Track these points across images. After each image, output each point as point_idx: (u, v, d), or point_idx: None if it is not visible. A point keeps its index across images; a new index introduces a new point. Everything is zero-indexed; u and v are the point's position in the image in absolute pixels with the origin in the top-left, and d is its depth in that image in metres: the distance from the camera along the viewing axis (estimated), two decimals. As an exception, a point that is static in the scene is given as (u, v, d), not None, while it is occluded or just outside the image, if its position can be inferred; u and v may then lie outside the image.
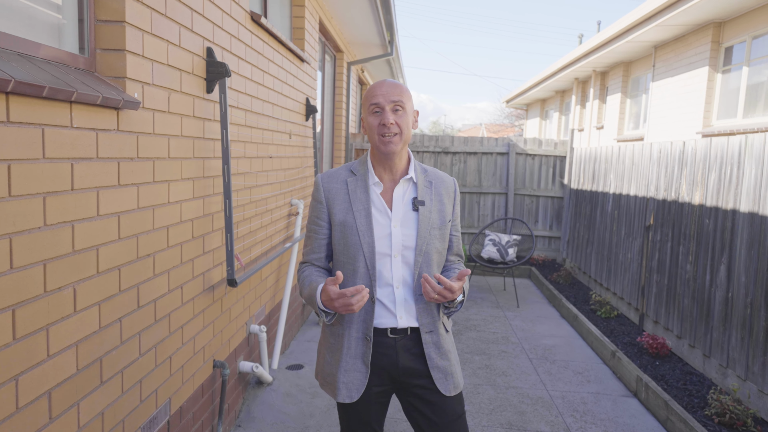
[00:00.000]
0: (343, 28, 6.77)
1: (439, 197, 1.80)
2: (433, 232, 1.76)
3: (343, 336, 1.77)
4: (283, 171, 4.14)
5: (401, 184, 1.77)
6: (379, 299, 1.75)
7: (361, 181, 1.78)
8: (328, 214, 1.79)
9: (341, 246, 1.77)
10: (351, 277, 1.75)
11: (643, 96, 9.52)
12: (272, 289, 4.04)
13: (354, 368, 1.76)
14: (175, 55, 2.25)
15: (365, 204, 1.75)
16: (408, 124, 1.71)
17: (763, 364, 3.43)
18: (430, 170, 1.85)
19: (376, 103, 1.69)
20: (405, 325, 1.75)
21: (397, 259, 1.74)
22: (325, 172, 1.85)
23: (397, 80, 12.10)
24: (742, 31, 6.59)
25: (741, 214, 3.73)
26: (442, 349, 1.78)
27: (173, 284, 2.32)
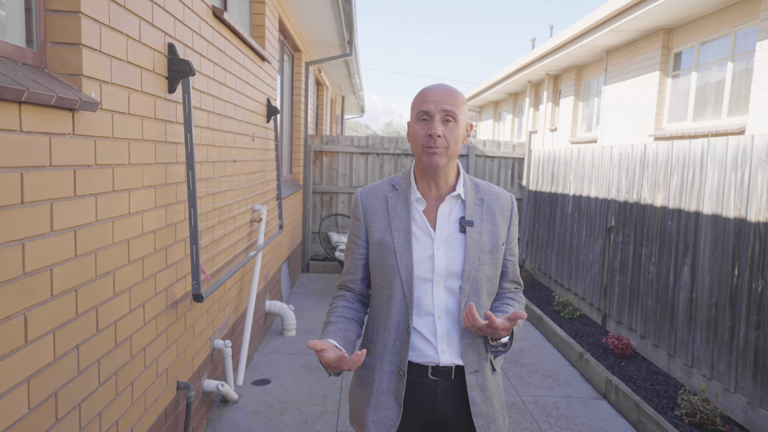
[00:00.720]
0: (303, 27, 6.58)
1: (491, 217, 1.60)
2: (483, 256, 1.56)
3: (375, 369, 1.59)
4: (245, 175, 3.93)
5: (447, 202, 1.58)
6: (417, 329, 1.55)
7: (402, 196, 1.60)
8: (366, 233, 1.62)
9: (378, 267, 1.59)
10: (386, 304, 1.58)
11: (596, 99, 9.76)
12: (236, 299, 3.83)
13: (385, 406, 1.58)
14: (135, 51, 2.04)
15: (405, 222, 1.57)
16: (458, 138, 1.52)
17: (729, 364, 3.51)
18: (483, 185, 1.65)
19: (426, 110, 1.50)
20: (448, 362, 1.55)
21: (440, 285, 1.54)
22: (365, 187, 1.67)
23: (354, 81, 11.96)
24: (690, 37, 6.82)
25: (704, 216, 3.81)
26: (487, 392, 1.59)
27: (135, 303, 2.11)
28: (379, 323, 1.60)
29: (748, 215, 3.35)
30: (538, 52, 10.32)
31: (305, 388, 3.84)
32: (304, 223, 8.02)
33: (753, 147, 3.33)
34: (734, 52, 6.12)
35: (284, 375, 4.05)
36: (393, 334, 1.57)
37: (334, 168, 8.31)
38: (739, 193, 3.44)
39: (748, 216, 3.36)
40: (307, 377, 4.04)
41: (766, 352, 3.18)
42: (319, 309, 5.91)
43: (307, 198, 8.06)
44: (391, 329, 1.57)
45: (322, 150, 8.21)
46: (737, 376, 3.42)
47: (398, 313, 1.56)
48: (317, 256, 8.25)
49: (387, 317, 1.57)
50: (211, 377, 3.27)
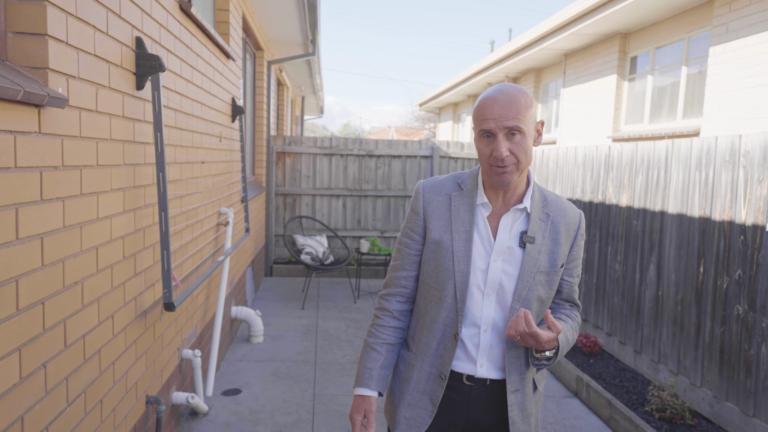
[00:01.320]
0: (265, 24, 6.43)
1: (554, 235, 1.51)
2: (539, 277, 1.48)
3: (415, 367, 1.55)
4: (211, 177, 3.78)
5: (511, 213, 1.49)
6: (462, 339, 1.50)
7: (467, 197, 1.51)
8: (424, 228, 1.54)
9: (431, 267, 1.51)
10: (435, 306, 1.51)
11: (554, 101, 9.97)
12: (203, 306, 3.67)
13: (419, 404, 1.54)
14: (103, 45, 1.90)
15: (467, 226, 1.49)
16: (527, 150, 1.40)
17: (695, 359, 3.60)
18: (552, 199, 1.55)
19: (488, 129, 1.39)
20: (484, 375, 1.51)
21: (490, 298, 1.48)
22: (428, 180, 1.58)
23: (315, 81, 11.81)
24: (646, 42, 7.04)
25: (669, 215, 3.91)
26: (525, 411, 1.54)
27: (104, 314, 1.97)
28: (424, 323, 1.55)
29: (713, 214, 3.46)
30: (498, 55, 10.46)
31: (277, 396, 3.72)
32: (267, 226, 7.85)
33: (717, 148, 3.44)
34: (688, 57, 6.35)
35: (255, 384, 3.92)
36: (438, 337, 1.52)
37: (297, 169, 8.16)
38: (704, 192, 3.54)
39: (712, 215, 3.46)
40: (278, 385, 3.91)
41: (732, 347, 3.28)
42: (285, 314, 5.78)
43: (270, 200, 7.88)
44: (436, 332, 1.52)
45: (284, 151, 8.05)
46: (703, 371, 3.52)
47: (446, 318, 1.50)
48: (281, 260, 8.08)
49: (434, 320, 1.52)
50: (179, 389, 3.12)
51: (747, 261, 3.17)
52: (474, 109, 1.46)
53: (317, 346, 4.80)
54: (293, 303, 6.24)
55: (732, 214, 3.29)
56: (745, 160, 3.20)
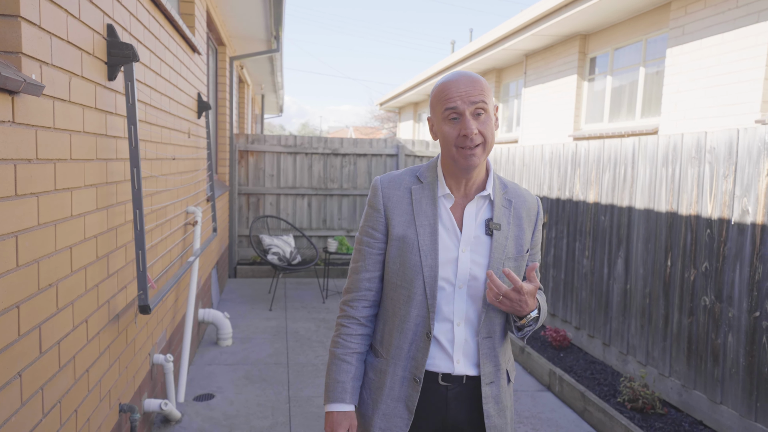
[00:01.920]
0: (228, 19, 6.26)
1: (518, 221, 1.51)
2: (508, 263, 1.47)
3: (387, 374, 1.48)
4: (179, 174, 3.64)
5: (475, 201, 1.47)
6: (436, 337, 1.45)
7: (428, 190, 1.48)
8: (386, 225, 1.48)
9: (396, 265, 1.46)
10: (404, 305, 1.45)
11: (516, 101, 10.14)
12: (172, 310, 3.53)
13: (395, 413, 1.47)
14: (76, 31, 1.78)
15: (431, 219, 1.45)
16: (492, 129, 1.39)
17: (663, 350, 3.71)
18: (511, 186, 1.55)
19: (453, 107, 1.36)
20: (462, 372, 1.47)
21: (462, 291, 1.44)
22: (385, 175, 1.52)
23: (276, 79, 11.62)
24: (605, 43, 7.24)
25: (637, 210, 4.01)
26: (501, 404, 1.51)
27: (78, 318, 1.85)
28: (393, 325, 1.49)
29: (680, 209, 3.57)
30: (459, 55, 10.56)
31: (251, 400, 3.62)
32: (231, 227, 7.65)
33: (683, 145, 3.55)
34: (646, 58, 6.57)
35: (227, 388, 3.79)
36: (410, 338, 1.46)
37: (260, 168, 8.00)
38: (671, 188, 3.65)
39: (679, 210, 3.57)
40: (252, 389, 3.81)
41: (699, 337, 3.39)
42: (253, 315, 5.64)
43: (233, 200, 7.69)
44: (407, 333, 1.46)
45: (247, 149, 7.88)
46: (672, 361, 3.63)
47: (417, 316, 1.45)
48: (245, 260, 7.90)
49: (404, 320, 1.46)
50: (151, 396, 2.98)
51: (713, 253, 3.28)
52: (432, 95, 1.43)
53: (288, 348, 4.70)
54: (260, 305, 6.10)
55: (698, 209, 3.40)
56: (710, 156, 3.31)
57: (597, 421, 3.47)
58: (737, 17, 4.94)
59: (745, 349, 3.05)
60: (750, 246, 3.02)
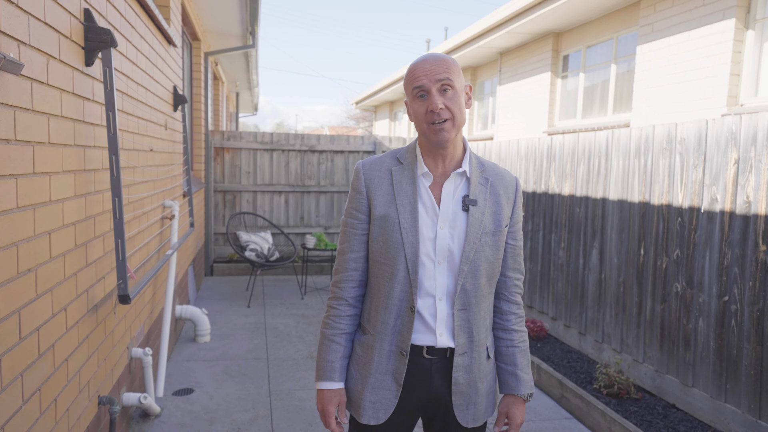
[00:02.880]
0: (203, 13, 6.19)
1: (495, 197, 1.56)
2: (485, 238, 1.52)
3: (374, 349, 1.53)
4: (156, 167, 3.59)
5: (452, 178, 1.52)
6: (419, 310, 1.50)
7: (408, 170, 1.53)
8: (368, 206, 1.53)
9: (379, 244, 1.51)
10: (388, 282, 1.50)
11: (491, 99, 10.25)
12: (150, 304, 3.48)
13: (383, 386, 1.52)
14: (53, 12, 1.75)
15: (411, 197, 1.50)
16: (461, 105, 1.45)
17: (637, 336, 3.81)
18: (489, 165, 1.60)
19: (420, 85, 1.43)
20: (444, 344, 1.52)
21: (442, 266, 1.50)
22: (366, 159, 1.57)
23: (252, 76, 11.52)
24: (577, 41, 7.38)
25: (611, 201, 4.11)
26: (471, 375, 1.56)
27: (57, 306, 1.81)
28: (379, 302, 1.53)
29: (652, 199, 3.66)
30: (436, 53, 10.64)
31: (232, 394, 3.59)
32: (207, 224, 7.57)
33: (654, 136, 3.65)
34: (617, 55, 6.72)
35: (207, 383, 3.76)
36: (395, 313, 1.51)
37: (236, 165, 7.93)
38: (643, 179, 3.75)
39: (651, 200, 3.67)
40: (232, 383, 3.78)
41: (671, 323, 3.49)
42: (231, 312, 5.59)
43: (209, 197, 7.61)
44: (392, 308, 1.51)
45: (223, 146, 7.80)
46: (645, 348, 3.73)
47: (401, 292, 1.50)
48: (221, 258, 7.82)
49: (388, 296, 1.50)
50: (129, 390, 2.93)
51: (684, 241, 3.38)
52: (405, 78, 1.50)
53: (268, 343, 4.67)
54: (238, 301, 6.05)
55: (670, 198, 3.51)
56: (681, 147, 3.41)
57: (574, 407, 3.55)
58: (703, 15, 5.09)
59: (715, 333, 3.15)
60: (719, 233, 3.13)
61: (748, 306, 2.95)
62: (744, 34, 4.81)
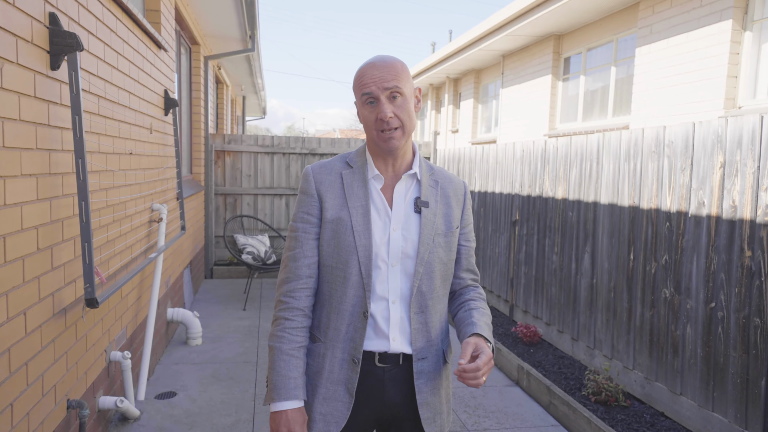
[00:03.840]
0: (201, 17, 6.23)
1: (446, 200, 1.56)
2: (438, 239, 1.51)
3: (325, 357, 1.48)
4: (142, 171, 3.60)
5: (404, 180, 1.51)
6: (373, 315, 1.46)
7: (358, 173, 1.51)
8: (320, 209, 1.49)
9: (331, 248, 1.48)
10: (340, 286, 1.46)
11: (494, 101, 10.20)
12: (134, 307, 3.49)
13: (335, 397, 1.46)
14: (9, 16, 1.76)
15: (363, 200, 1.48)
16: (410, 112, 1.44)
17: (627, 343, 3.74)
18: (437, 169, 1.61)
19: (369, 92, 1.41)
20: (397, 349, 1.48)
21: (395, 269, 1.47)
22: (316, 163, 1.54)
23: (256, 80, 11.57)
24: (578, 43, 7.31)
25: (602, 205, 4.05)
26: (432, 382, 1.52)
27: (14, 310, 1.81)
28: (330, 308, 1.48)
29: (641, 203, 3.60)
30: (439, 56, 10.60)
31: (215, 398, 3.58)
32: (207, 227, 7.59)
33: (644, 139, 3.59)
34: (617, 58, 6.64)
35: (192, 386, 3.76)
36: (347, 319, 1.47)
37: (237, 168, 7.95)
38: (633, 182, 3.69)
39: (641, 204, 3.61)
40: (217, 387, 3.77)
41: (660, 329, 3.42)
42: (226, 315, 5.60)
43: (210, 200, 7.64)
44: (345, 314, 1.47)
45: (224, 149, 7.83)
46: (635, 354, 3.66)
47: (354, 296, 1.46)
48: (222, 261, 7.84)
49: (341, 301, 1.46)
50: (107, 393, 2.93)
51: (672, 246, 3.32)
52: (353, 81, 1.48)
53: (259, 347, 4.67)
54: (234, 304, 6.06)
55: (658, 202, 3.44)
56: (669, 150, 3.35)
57: (561, 414, 3.49)
58: (701, 16, 5.01)
59: (702, 340, 3.08)
60: (706, 238, 3.06)
61: (734, 313, 2.88)
62: (742, 35, 4.73)
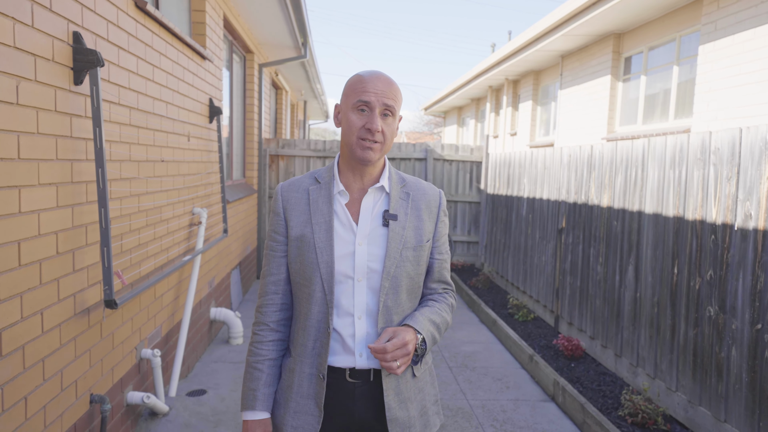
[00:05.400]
0: (253, 27, 6.44)
1: (417, 212, 1.54)
2: (406, 253, 1.49)
3: (294, 371, 1.50)
4: (181, 176, 3.77)
5: (371, 194, 1.50)
6: (337, 330, 1.46)
7: (324, 189, 1.51)
8: (286, 228, 1.51)
9: (297, 265, 1.48)
10: (306, 303, 1.47)
11: (553, 103, 9.87)
12: (171, 307, 3.65)
13: (305, 410, 1.49)
14: (27, 37, 1.89)
15: (327, 216, 1.48)
16: (393, 133, 1.47)
17: (670, 362, 3.50)
18: (411, 180, 1.59)
19: (367, 101, 1.41)
20: (365, 365, 1.47)
21: (361, 284, 1.46)
22: (287, 181, 1.58)
23: (314, 86, 11.83)
24: (639, 42, 6.93)
25: (646, 215, 3.81)
26: (401, 396, 1.50)
27: (29, 310, 1.95)
28: (299, 323, 1.51)
29: (686, 213, 3.36)
30: (496, 57, 10.39)
31: (244, 397, 3.68)
32: (260, 229, 7.84)
33: (689, 145, 3.35)
34: (679, 56, 6.24)
35: (224, 384, 3.88)
36: (313, 335, 1.48)
37: (290, 172, 8.16)
38: (677, 191, 3.45)
39: (685, 214, 3.37)
40: (249, 386, 3.87)
41: (704, 349, 3.18)
42: (270, 316, 5.74)
43: (263, 203, 7.88)
44: (311, 330, 1.48)
45: (278, 154, 8.05)
46: (678, 375, 3.42)
47: (318, 313, 1.47)
48: (273, 262, 8.05)
49: (307, 317, 1.48)
50: (138, 389, 3.09)
51: (717, 261, 3.07)
52: (348, 84, 1.47)
53: (295, 348, 4.75)
54: (279, 305, 6.20)
55: (703, 213, 3.20)
56: (715, 158, 3.11)
57: (594, 434, 3.32)
58: (770, 10, 4.61)
59: (748, 364, 2.83)
60: (752, 253, 2.81)
61: (782, 336, 2.62)
62: (815, 29, 4.31)
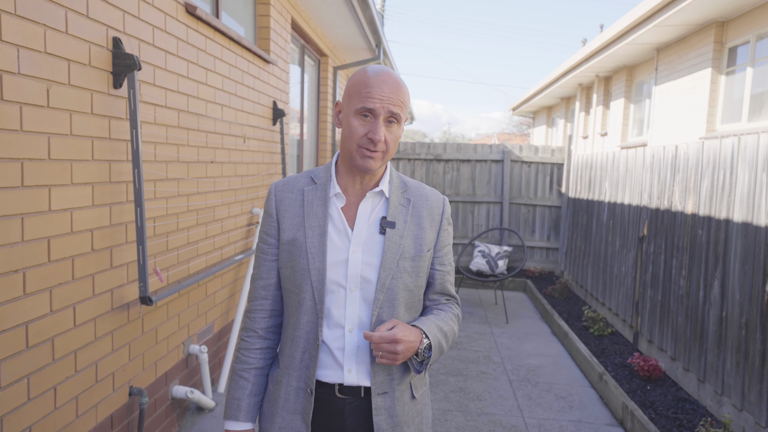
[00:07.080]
0: (325, 30, 6.52)
1: (417, 220, 1.43)
2: (403, 263, 1.38)
3: (281, 384, 1.41)
4: (239, 177, 3.86)
5: (368, 199, 1.40)
6: (326, 343, 1.37)
7: (320, 191, 1.41)
8: (278, 230, 1.42)
9: (287, 271, 1.40)
10: (295, 312, 1.39)
11: (647, 101, 9.14)
12: (225, 304, 3.74)
13: (291, 426, 1.40)
14: (59, 43, 1.97)
15: (321, 220, 1.38)
16: (397, 140, 1.36)
17: (760, 393, 3.05)
18: (413, 185, 1.48)
19: (371, 109, 1.30)
20: (354, 382, 1.37)
21: (354, 294, 1.36)
22: (282, 179, 1.52)
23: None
24: (745, 30, 6.21)
25: (734, 224, 3.36)
26: (395, 419, 1.39)
27: (59, 304, 2.03)
28: (288, 333, 1.42)
29: (781, 223, 2.91)
30: (585, 52, 9.80)
31: (292, 398, 3.69)
32: (333, 230, 7.92)
33: (786, 144, 2.90)
34: (793, 44, 5.50)
35: (275, 384, 3.92)
36: (301, 346, 1.39)
37: (364, 174, 8.19)
38: (771, 197, 3.00)
39: (780, 224, 2.92)
40: (299, 387, 3.88)
41: (800, 382, 2.72)
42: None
43: (336, 204, 7.96)
44: (299, 341, 1.39)
45: (352, 155, 8.11)
46: (769, 409, 2.97)
47: (308, 323, 1.37)
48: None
49: (296, 327, 1.39)
50: (185, 384, 3.18)
51: (817, 279, 2.62)
52: (352, 83, 1.35)
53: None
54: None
55: (801, 223, 2.75)
56: (815, 158, 2.66)
57: (662, 469, 2.96)
58: None
59: None
60: None
61: None
62: None
